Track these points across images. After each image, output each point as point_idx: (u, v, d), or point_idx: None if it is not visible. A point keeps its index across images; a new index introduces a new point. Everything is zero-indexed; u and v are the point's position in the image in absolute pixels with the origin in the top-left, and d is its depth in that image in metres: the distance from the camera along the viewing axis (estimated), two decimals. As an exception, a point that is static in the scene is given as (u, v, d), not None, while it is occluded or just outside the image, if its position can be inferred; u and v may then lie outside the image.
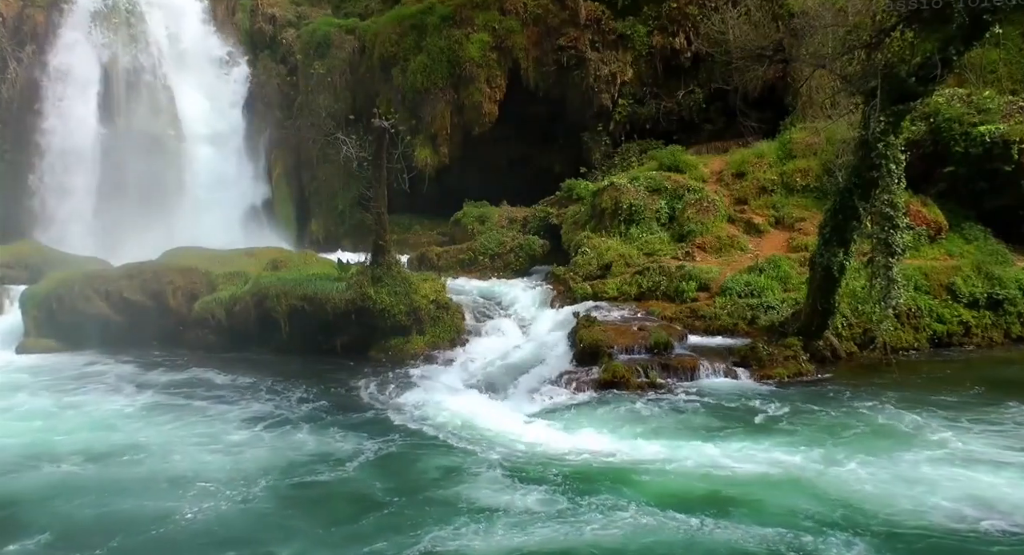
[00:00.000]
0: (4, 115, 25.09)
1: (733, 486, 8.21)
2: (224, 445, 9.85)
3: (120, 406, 11.67)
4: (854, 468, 8.58)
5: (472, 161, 24.34)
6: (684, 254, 16.68)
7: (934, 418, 10.11)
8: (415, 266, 19.07)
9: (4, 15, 25.24)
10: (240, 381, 13.02)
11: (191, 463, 9.19)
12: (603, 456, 9.16)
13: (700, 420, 10.43)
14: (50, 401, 11.95)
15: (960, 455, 8.87)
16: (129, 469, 9.07)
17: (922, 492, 7.91)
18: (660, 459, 8.99)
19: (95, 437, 10.21)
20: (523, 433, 10.07)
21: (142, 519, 7.70)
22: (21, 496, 8.35)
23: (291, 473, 8.82)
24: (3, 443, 9.95)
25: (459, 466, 8.97)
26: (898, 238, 11.63)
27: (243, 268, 16.82)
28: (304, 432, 10.29)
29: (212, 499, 8.11)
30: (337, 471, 8.89)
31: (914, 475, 8.36)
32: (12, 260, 19.19)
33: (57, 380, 13.29)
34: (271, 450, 9.63)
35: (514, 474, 8.62)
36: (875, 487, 8.09)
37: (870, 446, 9.20)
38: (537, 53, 23.90)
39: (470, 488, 8.31)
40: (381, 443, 9.77)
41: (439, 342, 14.45)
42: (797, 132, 19.25)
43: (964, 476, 8.28)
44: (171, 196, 24.85)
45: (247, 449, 9.67)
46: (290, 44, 26.97)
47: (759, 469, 8.64)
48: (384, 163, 15.01)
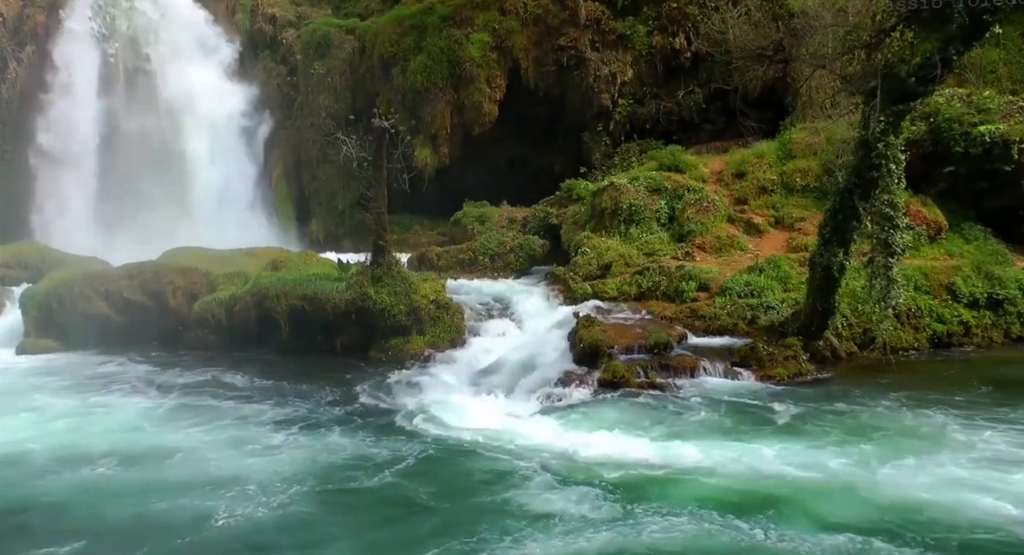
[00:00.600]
0: (4, 115, 25.10)
1: (782, 490, 8.05)
2: (240, 446, 9.83)
3: (144, 408, 11.62)
4: (893, 471, 8.48)
5: (472, 161, 24.36)
6: (684, 254, 16.68)
7: (953, 418, 10.06)
8: (415, 266, 19.08)
9: (4, 15, 25.25)
10: (243, 382, 13.02)
11: (223, 466, 9.13)
12: (619, 458, 9.06)
13: (715, 420, 10.34)
14: (73, 402, 11.89)
15: (990, 456, 8.83)
16: (161, 471, 9.03)
17: (973, 494, 7.83)
18: (693, 462, 8.87)
19: (120, 439, 10.16)
20: (524, 433, 10.05)
21: (177, 522, 7.69)
22: (55, 499, 8.30)
23: (320, 477, 8.74)
24: (32, 445, 9.92)
25: (460, 467, 8.97)
26: (898, 238, 11.63)
27: (243, 268, 16.83)
28: (312, 435, 10.24)
29: (246, 502, 8.07)
30: (338, 471, 8.90)
31: (957, 477, 8.27)
32: (12, 260, 19.20)
33: (71, 381, 13.27)
34: (307, 451, 9.56)
35: (518, 474, 8.60)
36: (926, 491, 7.97)
37: (901, 448, 9.12)
38: (537, 53, 23.91)
39: (471, 489, 8.31)
40: (382, 444, 9.77)
41: (439, 342, 14.45)
42: (797, 132, 19.26)
43: (1005, 477, 8.22)
44: (171, 196, 24.86)
45: (271, 451, 9.61)
46: (290, 44, 27.00)
47: (801, 473, 8.50)
48: (384, 163, 15.01)
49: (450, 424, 10.50)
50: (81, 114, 24.73)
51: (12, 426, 10.73)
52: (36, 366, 14.53)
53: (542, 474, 8.62)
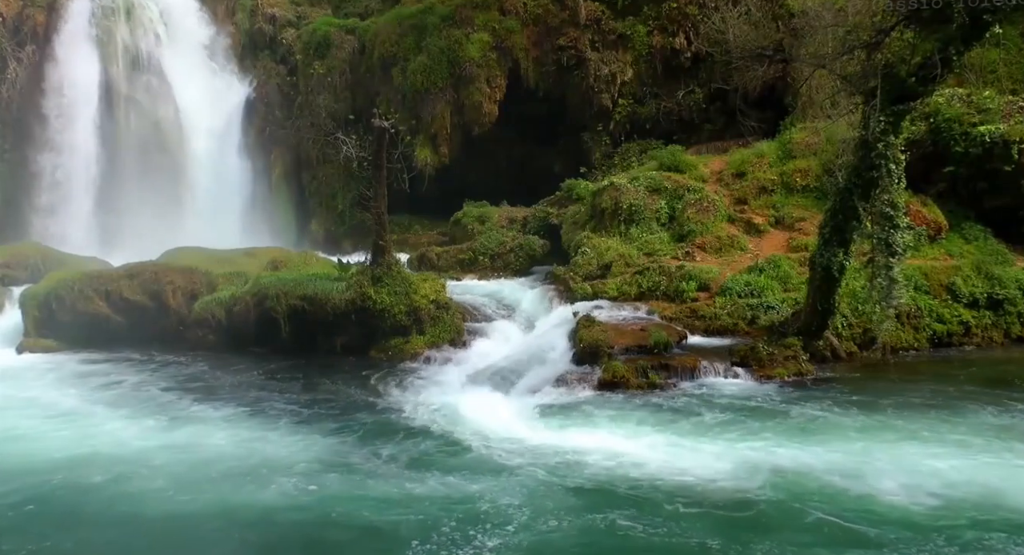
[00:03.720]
0: (4, 115, 25.09)
1: (783, 490, 8.01)
2: (239, 445, 9.82)
3: (144, 408, 11.59)
4: (894, 471, 8.47)
5: (472, 161, 24.36)
6: (684, 254, 16.67)
7: (953, 418, 10.08)
8: (415, 266, 19.08)
9: (4, 15, 25.23)
10: (243, 382, 13.02)
11: (223, 465, 9.10)
12: (620, 458, 9.03)
13: (715, 421, 10.28)
14: (73, 402, 11.89)
15: (991, 455, 8.83)
16: (160, 471, 9.01)
17: (977, 489, 7.84)
18: (693, 462, 8.83)
19: (121, 438, 10.15)
20: (524, 433, 10.04)
21: (177, 522, 7.71)
22: (56, 498, 8.32)
23: (320, 477, 8.71)
24: (32, 445, 9.91)
25: (460, 467, 8.95)
26: (898, 238, 11.62)
27: (243, 268, 16.83)
28: (311, 435, 10.21)
29: (247, 501, 8.07)
30: (337, 471, 8.88)
31: (958, 476, 8.26)
32: (12, 260, 19.18)
33: (72, 381, 13.25)
34: (306, 451, 9.56)
35: (518, 474, 8.60)
36: (926, 489, 7.97)
37: (902, 447, 9.12)
38: (537, 53, 23.92)
39: (471, 489, 8.29)
40: (382, 444, 9.76)
41: (439, 342, 14.43)
42: (797, 132, 19.25)
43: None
44: (171, 196, 24.87)
45: (270, 451, 9.60)
46: (290, 44, 26.98)
47: (801, 472, 8.44)
48: (384, 163, 15.01)
49: (450, 424, 10.49)
50: (81, 114, 24.72)
51: (12, 426, 10.72)
52: (36, 366, 14.51)
53: (542, 474, 8.60)
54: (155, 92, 25.52)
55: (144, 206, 23.98)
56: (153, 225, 23.01)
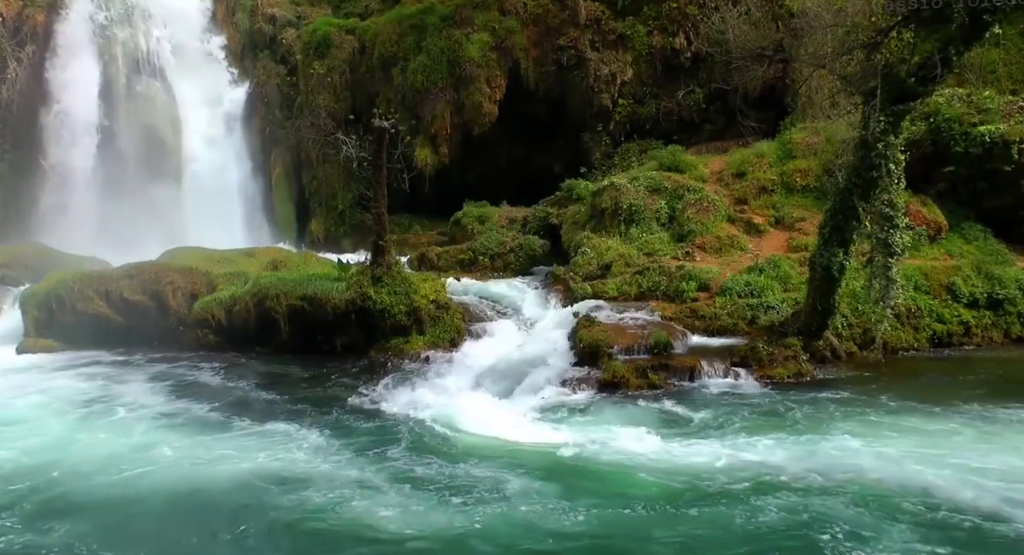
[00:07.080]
0: (4, 115, 25.09)
1: (783, 489, 8.00)
2: (238, 445, 9.83)
3: (143, 408, 11.57)
4: (894, 469, 8.47)
5: (472, 161, 24.37)
6: (684, 254, 16.68)
7: (953, 418, 10.08)
8: (415, 266, 19.08)
9: (4, 15, 25.23)
10: (243, 382, 13.01)
11: (222, 465, 9.10)
12: (620, 458, 9.02)
13: (715, 421, 10.25)
14: (73, 402, 11.87)
15: (990, 454, 8.83)
16: (159, 471, 9.01)
17: (983, 491, 7.84)
18: (693, 462, 8.81)
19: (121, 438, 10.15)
20: (524, 433, 10.04)
21: (174, 522, 7.75)
22: (55, 498, 8.29)
23: (319, 477, 8.72)
24: (31, 444, 9.89)
25: (460, 467, 8.94)
26: (898, 238, 11.63)
27: (243, 268, 16.83)
28: (311, 435, 10.19)
29: (246, 501, 8.10)
30: (336, 471, 8.88)
31: (957, 475, 8.24)
32: (12, 260, 19.19)
33: (72, 381, 13.23)
34: (306, 451, 9.56)
35: (517, 475, 8.60)
36: (926, 489, 7.96)
37: (902, 447, 9.12)
38: (537, 53, 23.93)
39: (470, 489, 8.29)
40: (382, 444, 9.77)
41: (439, 342, 14.43)
42: (797, 132, 19.27)
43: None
44: (171, 196, 24.88)
45: (270, 451, 9.59)
46: (290, 44, 27.00)
47: (802, 472, 8.45)
48: (384, 163, 15.00)
49: (450, 425, 10.48)
50: (81, 114, 24.72)
51: (12, 426, 10.72)
52: (36, 366, 14.51)
53: (542, 475, 8.61)
54: (155, 92, 25.52)
55: (144, 206, 23.98)
56: (153, 225, 23.03)
